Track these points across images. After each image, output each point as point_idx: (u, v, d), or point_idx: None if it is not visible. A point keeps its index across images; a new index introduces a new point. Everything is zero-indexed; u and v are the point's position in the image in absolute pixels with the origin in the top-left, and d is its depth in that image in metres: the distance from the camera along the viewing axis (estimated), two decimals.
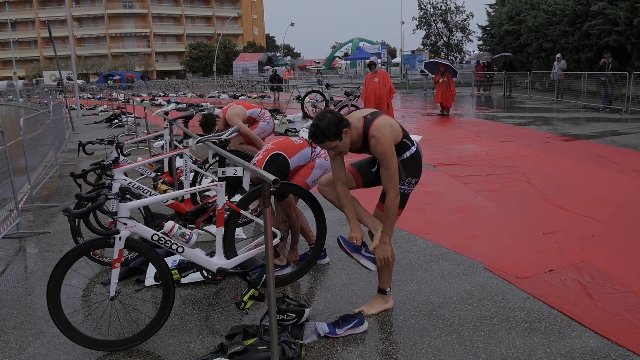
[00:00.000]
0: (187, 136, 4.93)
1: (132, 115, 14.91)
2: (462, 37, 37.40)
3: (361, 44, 46.15)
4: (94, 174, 4.37)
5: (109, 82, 50.45)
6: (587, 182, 6.34)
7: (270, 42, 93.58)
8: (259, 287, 3.05)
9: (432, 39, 37.67)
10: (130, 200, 2.95)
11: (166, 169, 5.48)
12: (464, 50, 38.41)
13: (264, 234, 2.36)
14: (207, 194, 5.23)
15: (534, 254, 4.12)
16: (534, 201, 5.60)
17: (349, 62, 49.43)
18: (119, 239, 2.86)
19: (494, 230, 4.76)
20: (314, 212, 3.57)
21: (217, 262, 3.22)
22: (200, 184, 5.32)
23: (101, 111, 23.30)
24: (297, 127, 12.93)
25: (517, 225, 4.86)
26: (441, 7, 36.78)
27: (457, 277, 3.77)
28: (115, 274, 2.91)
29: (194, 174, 5.28)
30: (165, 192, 4.48)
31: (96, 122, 17.88)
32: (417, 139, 9.46)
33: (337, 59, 53.17)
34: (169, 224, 3.04)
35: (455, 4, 37.25)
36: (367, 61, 19.25)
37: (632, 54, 17.74)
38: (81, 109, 22.83)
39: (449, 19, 36.78)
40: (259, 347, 2.75)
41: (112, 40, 74.04)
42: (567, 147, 8.82)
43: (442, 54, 36.91)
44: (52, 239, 5.09)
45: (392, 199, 2.95)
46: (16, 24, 69.82)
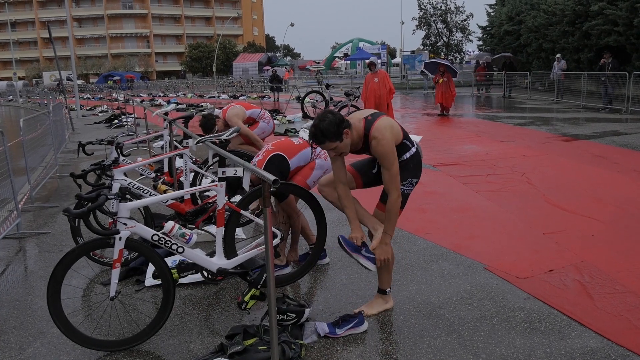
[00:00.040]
0: (187, 136, 4.94)
1: (132, 115, 14.91)
2: (462, 37, 37.46)
3: (361, 44, 46.17)
4: (94, 175, 4.38)
5: (108, 82, 50.53)
6: (587, 182, 6.34)
7: (270, 42, 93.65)
8: (260, 286, 3.05)
9: (432, 39, 37.69)
10: (130, 200, 2.96)
11: (166, 169, 5.49)
12: (463, 50, 38.51)
13: (264, 234, 2.37)
14: (207, 194, 5.22)
15: (534, 254, 4.12)
16: (534, 201, 5.60)
17: (349, 62, 49.48)
18: (119, 239, 2.86)
19: (494, 230, 4.76)
20: (314, 212, 3.57)
21: (217, 262, 3.22)
22: (200, 184, 5.32)
23: (101, 112, 23.31)
24: (297, 128, 12.92)
25: (517, 225, 4.86)
26: (441, 7, 36.84)
27: (457, 277, 3.77)
28: (115, 274, 2.91)
29: (193, 174, 5.28)
30: (165, 192, 4.49)
31: (96, 123, 17.88)
32: (417, 139, 9.46)
33: (337, 59, 53.22)
34: (169, 224, 3.04)
35: (455, 4, 37.42)
36: (367, 61, 19.28)
37: (632, 54, 17.75)
38: (81, 109, 22.83)
39: (449, 19, 36.80)
40: (259, 347, 2.75)
41: (112, 40, 74.06)
42: (567, 148, 8.82)
43: (442, 54, 36.92)
44: (52, 239, 5.09)
45: (394, 200, 2.95)
46: (16, 25, 69.80)
